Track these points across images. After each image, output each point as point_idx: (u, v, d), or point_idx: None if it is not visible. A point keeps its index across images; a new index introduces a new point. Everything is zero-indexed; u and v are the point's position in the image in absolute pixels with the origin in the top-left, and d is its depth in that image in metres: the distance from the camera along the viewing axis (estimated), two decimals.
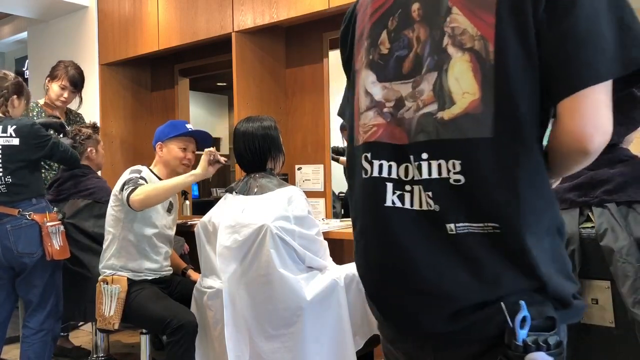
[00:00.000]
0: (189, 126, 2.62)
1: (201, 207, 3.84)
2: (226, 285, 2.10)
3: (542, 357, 0.80)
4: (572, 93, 0.81)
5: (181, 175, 2.40)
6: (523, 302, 0.81)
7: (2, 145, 2.51)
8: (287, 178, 3.28)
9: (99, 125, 3.33)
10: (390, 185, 0.94)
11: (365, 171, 0.98)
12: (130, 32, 3.80)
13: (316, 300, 2.01)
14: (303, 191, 2.19)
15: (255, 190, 2.17)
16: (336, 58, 3.19)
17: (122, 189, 2.35)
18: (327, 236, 2.45)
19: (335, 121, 3.32)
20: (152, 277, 2.51)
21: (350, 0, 2.69)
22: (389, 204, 0.93)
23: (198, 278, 2.39)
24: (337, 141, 3.47)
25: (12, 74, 2.69)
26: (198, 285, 2.33)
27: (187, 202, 3.94)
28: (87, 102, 3.82)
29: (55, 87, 3.30)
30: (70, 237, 2.70)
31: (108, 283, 2.43)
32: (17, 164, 2.52)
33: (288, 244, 2.02)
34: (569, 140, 0.84)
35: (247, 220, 2.06)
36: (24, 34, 5.09)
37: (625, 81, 0.84)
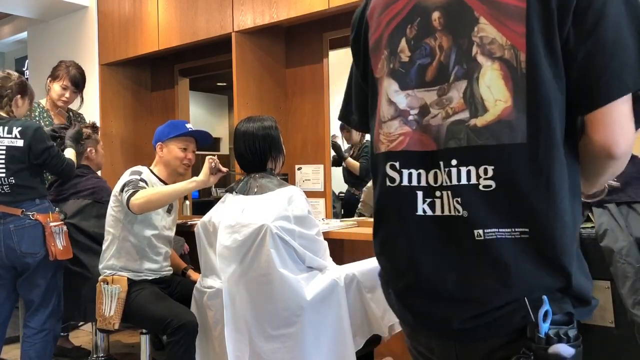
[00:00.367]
0: (189, 126, 2.62)
1: (201, 207, 3.85)
2: (226, 285, 2.10)
3: (565, 349, 0.84)
4: (602, 105, 0.85)
5: (182, 181, 2.40)
6: (545, 297, 0.85)
7: (7, 146, 2.52)
8: (287, 178, 3.27)
9: (99, 125, 3.34)
10: (420, 193, 0.95)
11: (391, 179, 0.99)
12: (130, 32, 3.80)
13: (316, 300, 2.01)
14: (303, 191, 2.19)
15: (255, 190, 2.17)
16: (336, 58, 3.22)
17: (122, 191, 2.35)
18: (327, 236, 2.45)
19: (335, 121, 3.32)
20: (152, 277, 2.51)
21: (350, 0, 2.69)
22: (420, 213, 0.95)
23: (198, 278, 2.39)
24: (338, 142, 3.47)
25: (16, 74, 2.69)
26: (198, 285, 2.33)
27: (187, 202, 3.95)
28: (87, 102, 3.81)
29: (56, 87, 3.30)
30: (70, 237, 2.70)
31: (108, 283, 2.43)
32: (20, 165, 2.53)
33: (288, 244, 2.02)
34: (598, 149, 0.88)
35: (247, 220, 2.06)
36: (24, 34, 5.09)
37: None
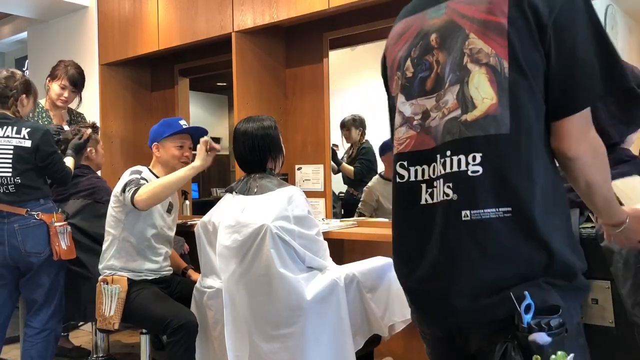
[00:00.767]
0: (183, 122, 2.60)
1: (201, 207, 3.85)
2: (226, 285, 2.10)
3: (541, 337, 0.96)
4: (571, 114, 1.02)
5: (181, 169, 2.38)
6: (527, 293, 0.97)
7: (15, 146, 2.52)
8: (287, 178, 3.27)
9: (99, 125, 3.34)
10: (424, 185, 1.11)
11: (401, 176, 1.15)
12: (130, 32, 3.80)
13: (316, 300, 2.01)
14: (303, 191, 2.19)
15: (255, 190, 2.17)
16: (336, 58, 3.22)
17: (124, 191, 2.35)
18: (327, 236, 2.45)
19: (335, 121, 3.33)
20: (152, 277, 2.51)
21: (350, 0, 2.69)
22: (423, 202, 1.10)
23: (198, 278, 2.39)
24: (337, 141, 3.47)
25: (20, 72, 2.69)
26: (198, 285, 2.33)
27: (187, 202, 3.94)
28: (87, 102, 3.81)
29: (55, 87, 3.30)
30: None
31: (108, 283, 2.43)
32: (27, 166, 2.53)
33: (288, 244, 2.02)
34: (563, 151, 1.05)
35: (247, 220, 2.06)
36: (24, 34, 5.09)
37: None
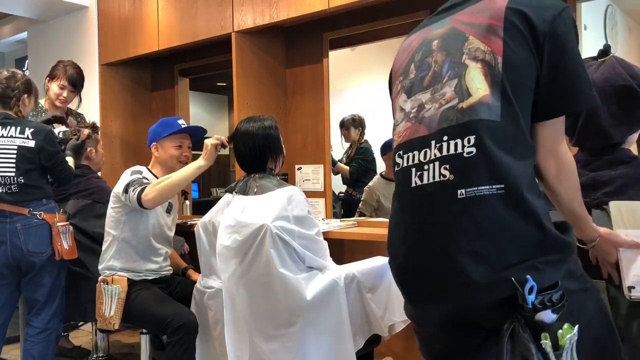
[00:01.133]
0: (181, 122, 2.60)
1: (201, 207, 3.85)
2: (226, 285, 2.10)
3: (548, 316, 1.03)
4: (549, 119, 1.16)
5: (186, 167, 2.36)
6: (529, 277, 1.03)
7: (19, 145, 2.52)
8: (287, 178, 3.27)
9: (99, 125, 3.34)
10: (413, 170, 1.19)
11: (397, 164, 1.25)
12: (130, 32, 3.80)
13: (316, 300, 2.01)
14: (303, 191, 2.18)
15: (255, 190, 2.17)
16: (336, 58, 3.22)
17: (127, 191, 2.35)
18: (327, 236, 2.45)
19: (335, 121, 3.33)
20: (152, 278, 2.51)
21: (350, 0, 2.69)
22: (413, 185, 1.18)
23: (198, 278, 2.39)
24: (337, 141, 3.48)
25: (20, 72, 2.69)
26: (198, 285, 2.33)
27: (187, 202, 3.95)
28: (87, 102, 3.81)
29: (54, 87, 3.30)
30: None
31: (108, 283, 2.43)
32: (30, 166, 2.53)
33: (288, 244, 2.02)
34: (543, 152, 1.17)
35: (247, 220, 2.06)
36: (24, 34, 5.09)
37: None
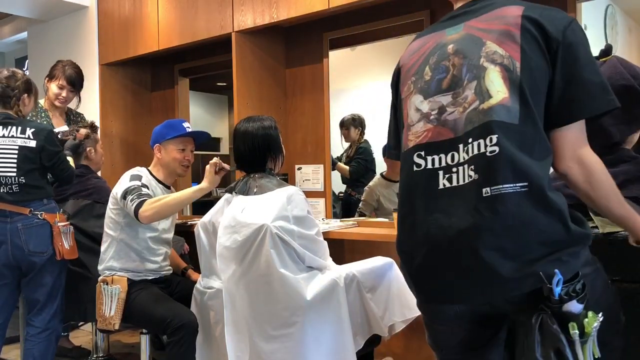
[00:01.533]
0: (187, 125, 2.60)
1: (201, 207, 3.84)
2: (226, 285, 2.10)
3: (575, 306, 1.08)
4: (565, 124, 1.18)
5: (188, 189, 2.39)
6: (557, 271, 1.08)
7: (20, 145, 2.51)
8: (287, 178, 3.27)
9: (99, 125, 3.33)
10: (441, 172, 1.21)
11: (418, 165, 1.26)
12: (130, 32, 3.80)
13: (316, 300, 2.01)
14: (303, 191, 2.18)
15: (254, 190, 2.17)
16: (336, 58, 3.22)
17: (125, 198, 2.35)
18: (327, 236, 2.45)
19: (335, 121, 3.33)
20: (152, 277, 2.51)
21: (350, 0, 2.69)
22: (441, 187, 1.21)
23: (198, 278, 2.39)
24: (337, 141, 3.47)
25: (20, 71, 2.68)
26: (198, 285, 2.33)
27: None
28: (87, 102, 3.81)
29: (53, 87, 3.30)
30: None
31: (108, 283, 2.43)
32: (32, 166, 2.53)
33: (288, 244, 2.02)
34: (555, 166, 1.20)
35: (247, 220, 2.06)
36: (24, 34, 5.09)
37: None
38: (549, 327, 1.08)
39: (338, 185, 3.49)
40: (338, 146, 3.56)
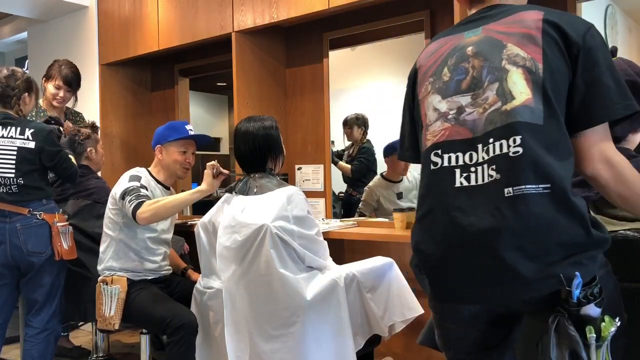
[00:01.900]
0: (189, 127, 2.60)
1: (201, 207, 3.83)
2: (226, 285, 2.10)
3: (594, 310, 1.09)
4: (587, 128, 1.19)
5: (186, 191, 2.40)
6: (578, 273, 1.09)
7: (18, 147, 2.51)
8: (287, 178, 3.27)
9: (99, 125, 3.33)
10: (458, 170, 1.22)
11: (434, 163, 1.26)
12: (130, 32, 3.80)
13: (316, 300, 2.01)
14: (303, 191, 2.18)
15: (254, 190, 2.17)
16: (336, 58, 3.22)
17: (123, 198, 2.35)
18: (327, 236, 2.45)
19: (335, 121, 3.33)
20: (152, 277, 2.51)
21: (350, 0, 2.69)
22: (458, 185, 1.21)
23: (198, 278, 2.39)
24: (337, 141, 3.47)
25: (20, 70, 2.66)
26: (198, 285, 2.33)
27: None
28: (87, 102, 3.81)
29: (50, 87, 3.30)
30: None
31: (108, 284, 2.43)
32: (30, 167, 2.52)
33: (288, 244, 2.02)
34: (582, 171, 1.21)
35: (247, 220, 2.06)
36: (24, 34, 5.09)
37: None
38: (566, 329, 1.09)
39: (338, 185, 3.49)
40: (340, 145, 3.57)
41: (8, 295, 2.62)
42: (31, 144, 2.52)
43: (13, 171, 2.49)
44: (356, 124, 3.51)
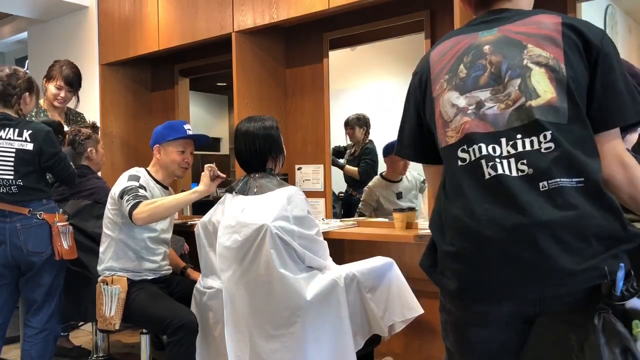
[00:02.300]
0: (187, 127, 2.60)
1: (201, 207, 3.83)
2: (226, 285, 2.10)
3: (639, 303, 1.09)
4: (603, 131, 1.20)
5: (183, 192, 2.41)
6: (622, 265, 1.10)
7: (17, 148, 2.50)
8: (287, 178, 3.27)
9: (99, 125, 3.33)
10: (483, 161, 1.20)
11: (462, 160, 1.25)
12: (130, 32, 3.80)
13: (316, 300, 2.01)
14: (303, 191, 2.19)
15: (255, 190, 2.17)
16: (336, 58, 3.22)
17: (122, 199, 2.35)
18: (327, 236, 2.45)
19: (335, 121, 3.33)
20: (152, 277, 2.52)
21: (350, 0, 2.69)
22: (487, 176, 1.20)
23: (198, 277, 2.39)
24: (337, 141, 3.47)
25: (22, 70, 2.65)
26: (198, 285, 2.33)
27: None
28: (87, 102, 3.81)
29: (51, 88, 3.30)
30: None
31: (108, 284, 2.43)
32: (29, 169, 2.52)
33: (288, 244, 2.02)
34: (607, 160, 1.22)
35: (247, 220, 2.06)
36: (24, 34, 5.09)
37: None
38: (614, 327, 1.07)
39: (338, 185, 3.49)
40: (341, 145, 3.56)
41: (8, 295, 2.62)
42: (29, 146, 2.52)
43: (12, 173, 2.49)
44: (357, 125, 3.51)
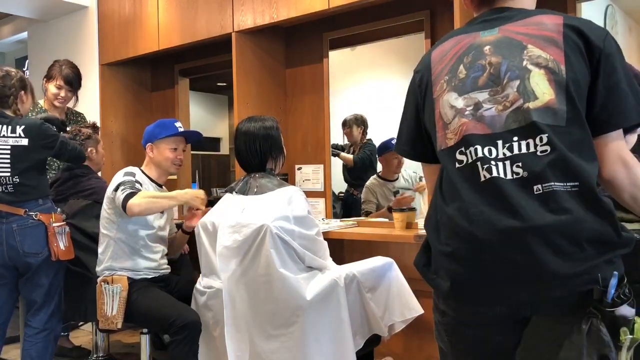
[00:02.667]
0: (178, 125, 2.62)
1: None
2: (226, 285, 2.10)
3: (629, 311, 1.08)
4: (606, 133, 1.19)
5: (172, 192, 2.51)
6: (616, 273, 1.09)
7: (12, 145, 2.51)
8: (287, 178, 3.28)
9: (99, 125, 3.34)
10: (479, 163, 1.20)
11: (460, 161, 1.24)
12: (130, 32, 3.80)
13: (316, 300, 2.01)
14: (303, 191, 2.19)
15: (255, 190, 2.17)
16: (336, 58, 3.22)
17: (116, 190, 2.36)
18: (327, 236, 2.45)
19: (335, 121, 3.33)
20: (152, 276, 2.52)
21: (350, 0, 2.69)
22: (483, 179, 1.19)
23: (194, 223, 2.43)
24: (336, 141, 3.47)
25: (14, 70, 2.66)
26: (198, 285, 2.33)
27: None
28: (87, 102, 3.82)
29: (51, 88, 3.30)
30: (70, 238, 2.70)
31: (109, 283, 2.43)
32: (26, 164, 2.52)
33: (288, 244, 2.02)
34: (609, 161, 1.21)
35: (247, 220, 2.06)
36: (24, 34, 5.09)
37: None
38: (598, 333, 1.07)
39: (338, 185, 3.49)
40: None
41: (8, 295, 2.62)
42: (24, 141, 2.52)
43: (9, 170, 2.49)
44: (355, 124, 3.51)
